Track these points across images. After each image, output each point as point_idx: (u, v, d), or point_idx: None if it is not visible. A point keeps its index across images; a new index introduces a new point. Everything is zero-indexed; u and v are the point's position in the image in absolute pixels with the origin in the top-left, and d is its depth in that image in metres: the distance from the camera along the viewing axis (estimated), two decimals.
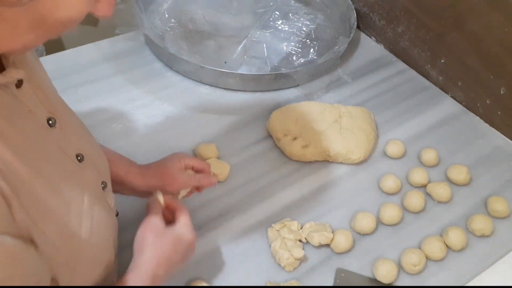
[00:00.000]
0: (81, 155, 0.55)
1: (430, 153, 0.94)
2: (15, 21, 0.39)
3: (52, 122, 0.51)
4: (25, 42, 0.41)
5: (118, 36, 1.16)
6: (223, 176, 0.88)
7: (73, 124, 0.59)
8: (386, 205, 0.84)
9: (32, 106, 0.49)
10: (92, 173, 0.58)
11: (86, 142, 0.60)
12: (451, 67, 1.07)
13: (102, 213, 0.57)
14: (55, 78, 0.64)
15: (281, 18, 1.20)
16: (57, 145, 0.52)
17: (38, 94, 0.51)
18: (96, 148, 0.63)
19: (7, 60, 0.46)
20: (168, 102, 1.03)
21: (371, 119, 1.00)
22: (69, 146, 0.54)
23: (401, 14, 1.14)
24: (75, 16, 0.41)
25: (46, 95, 0.53)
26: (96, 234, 0.54)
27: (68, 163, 0.53)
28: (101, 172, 0.61)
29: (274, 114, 0.97)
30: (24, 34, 0.40)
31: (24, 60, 0.51)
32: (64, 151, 0.53)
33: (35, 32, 0.41)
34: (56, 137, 0.52)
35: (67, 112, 0.59)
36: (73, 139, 0.56)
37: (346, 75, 1.13)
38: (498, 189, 0.91)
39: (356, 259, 0.79)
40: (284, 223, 0.81)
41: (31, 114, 0.49)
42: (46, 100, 0.52)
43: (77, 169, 0.54)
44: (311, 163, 0.93)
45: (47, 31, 0.42)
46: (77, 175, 0.54)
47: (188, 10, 1.21)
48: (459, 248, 0.81)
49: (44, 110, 0.51)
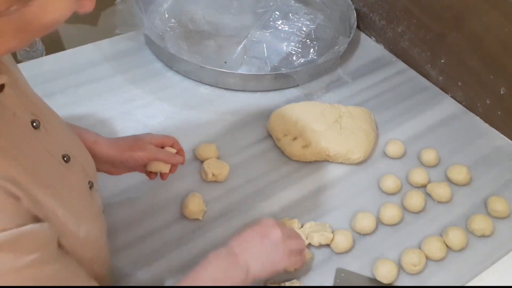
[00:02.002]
0: (67, 155, 0.55)
1: (430, 153, 0.94)
2: (2, 30, 0.39)
3: (36, 124, 0.52)
4: (10, 47, 0.41)
5: (118, 36, 1.16)
6: (222, 175, 0.87)
7: (57, 125, 0.59)
8: (386, 205, 0.84)
9: (16, 109, 0.49)
10: (79, 173, 0.58)
11: (71, 143, 0.60)
12: (451, 67, 1.07)
13: (91, 212, 0.57)
14: (55, 78, 0.64)
15: (281, 18, 1.20)
16: (42, 146, 0.52)
17: (20, 97, 0.51)
18: (81, 148, 0.63)
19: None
20: (168, 102, 1.03)
21: (371, 119, 1.00)
22: (55, 147, 0.54)
23: (401, 14, 1.14)
24: (61, 18, 0.41)
25: (28, 98, 0.53)
26: (88, 233, 0.55)
27: (55, 164, 0.53)
28: (87, 172, 0.61)
29: (274, 114, 0.97)
30: (9, 41, 0.40)
31: (3, 65, 0.51)
32: (50, 152, 0.53)
33: (20, 38, 0.41)
34: (42, 139, 0.52)
35: (50, 113, 0.59)
36: (59, 140, 0.56)
37: (346, 75, 1.13)
38: (498, 189, 0.91)
39: (356, 259, 0.79)
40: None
41: (15, 117, 0.49)
42: (29, 103, 0.53)
43: (64, 170, 0.54)
44: (311, 163, 0.93)
45: (31, 35, 0.41)
46: (64, 176, 0.54)
47: (188, 10, 1.21)
48: (459, 248, 0.81)
49: (27, 113, 0.51)
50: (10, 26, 0.39)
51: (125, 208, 0.82)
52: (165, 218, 0.82)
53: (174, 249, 0.78)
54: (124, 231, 0.79)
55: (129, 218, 0.81)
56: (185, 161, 0.81)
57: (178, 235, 0.80)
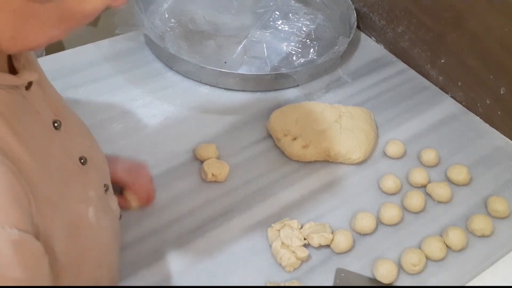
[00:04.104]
0: (84, 158, 0.55)
1: (430, 153, 0.94)
2: (44, 18, 0.39)
3: (57, 124, 0.52)
4: (51, 37, 0.42)
5: (118, 36, 1.16)
6: (222, 176, 0.87)
7: (76, 127, 0.59)
8: (386, 205, 0.84)
9: (40, 108, 0.49)
10: (95, 176, 0.58)
11: (89, 145, 0.60)
12: (451, 67, 1.07)
13: (105, 216, 0.57)
14: (55, 78, 0.64)
15: (281, 18, 1.20)
16: (61, 147, 0.52)
17: (45, 97, 0.51)
18: (98, 151, 0.63)
19: (18, 63, 0.46)
20: (168, 102, 1.03)
21: (371, 119, 1.00)
22: (73, 149, 0.54)
23: (401, 14, 1.14)
24: (99, 6, 0.42)
25: (52, 98, 0.53)
26: (100, 236, 0.54)
27: (72, 166, 0.53)
28: (103, 175, 0.61)
29: (274, 114, 0.97)
30: (51, 29, 0.41)
31: (34, 63, 0.51)
32: (68, 153, 0.53)
33: (61, 27, 0.41)
34: (61, 140, 0.52)
35: (71, 115, 0.59)
36: (77, 142, 0.56)
37: (346, 75, 1.13)
38: (498, 189, 0.91)
39: (356, 259, 0.79)
40: (284, 222, 0.81)
41: (39, 115, 0.49)
42: (52, 103, 0.53)
43: (80, 172, 0.54)
44: (311, 163, 0.93)
45: (71, 25, 0.42)
46: (80, 178, 0.54)
47: (188, 10, 1.21)
48: (459, 248, 0.81)
49: (50, 113, 0.51)
50: (51, 14, 0.39)
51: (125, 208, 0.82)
52: (165, 218, 0.82)
53: (174, 249, 0.78)
54: (124, 231, 0.79)
55: (129, 218, 0.81)
56: None
57: (179, 235, 0.80)
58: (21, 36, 0.40)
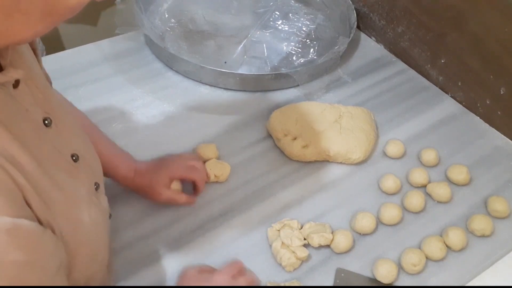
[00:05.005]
0: (76, 155, 0.55)
1: (430, 153, 0.94)
2: (29, 12, 0.39)
3: (48, 122, 0.51)
4: (36, 31, 0.42)
5: (118, 36, 1.16)
6: (223, 176, 0.87)
7: (68, 124, 0.59)
8: (386, 205, 0.84)
9: (29, 106, 0.49)
10: (86, 173, 0.58)
11: (81, 142, 0.60)
12: (451, 67, 1.07)
13: (96, 213, 0.57)
14: (55, 78, 0.64)
15: (281, 18, 1.20)
16: (52, 145, 0.52)
17: (34, 94, 0.51)
18: (90, 149, 0.63)
19: (4, 60, 0.46)
20: (168, 102, 1.03)
21: (371, 119, 1.00)
22: (65, 146, 0.54)
23: (401, 14, 1.14)
24: (84, 0, 0.41)
25: (43, 94, 0.53)
26: (92, 232, 0.55)
27: (63, 163, 0.53)
28: (94, 173, 0.61)
29: (274, 114, 0.97)
30: (36, 23, 0.40)
31: (22, 59, 0.51)
32: (59, 151, 0.53)
33: (46, 20, 0.41)
34: (52, 137, 0.52)
35: (62, 111, 0.59)
36: (69, 139, 0.56)
37: (346, 75, 1.13)
38: (498, 189, 0.91)
39: (356, 259, 0.79)
40: (284, 222, 0.81)
41: (28, 113, 0.49)
42: (43, 100, 0.52)
43: (72, 169, 0.54)
44: (311, 163, 0.93)
45: (55, 19, 0.42)
46: (72, 175, 0.54)
47: (188, 10, 1.21)
48: (459, 248, 0.81)
49: (40, 110, 0.51)
50: (36, 8, 0.39)
51: (125, 209, 0.82)
52: (165, 219, 0.82)
53: (174, 249, 0.78)
54: (124, 231, 0.80)
55: (129, 218, 0.81)
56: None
57: (179, 235, 0.80)
58: (5, 31, 0.40)
